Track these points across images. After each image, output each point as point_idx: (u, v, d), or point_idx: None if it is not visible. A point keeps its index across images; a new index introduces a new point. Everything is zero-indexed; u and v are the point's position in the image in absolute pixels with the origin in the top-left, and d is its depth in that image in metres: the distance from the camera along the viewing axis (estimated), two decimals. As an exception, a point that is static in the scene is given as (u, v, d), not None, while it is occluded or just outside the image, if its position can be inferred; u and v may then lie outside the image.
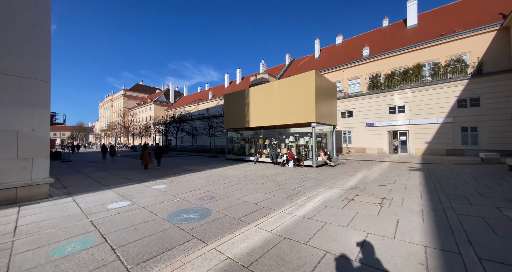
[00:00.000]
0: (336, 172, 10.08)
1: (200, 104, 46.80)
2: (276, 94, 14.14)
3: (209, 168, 12.26)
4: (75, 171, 11.20)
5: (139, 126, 54.64)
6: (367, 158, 16.29)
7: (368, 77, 22.59)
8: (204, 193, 6.14)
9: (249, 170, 11.10)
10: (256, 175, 9.56)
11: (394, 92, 18.83)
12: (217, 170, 11.16)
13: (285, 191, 6.34)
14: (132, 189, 6.75)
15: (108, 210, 4.70)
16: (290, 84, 13.28)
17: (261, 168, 11.93)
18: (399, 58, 20.51)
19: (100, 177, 9.34)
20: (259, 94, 15.49)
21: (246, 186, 7.13)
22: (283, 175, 9.36)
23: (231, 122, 18.16)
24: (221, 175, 9.45)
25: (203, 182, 7.83)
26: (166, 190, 6.65)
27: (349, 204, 4.86)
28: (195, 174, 9.84)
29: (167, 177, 9.07)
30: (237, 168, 12.00)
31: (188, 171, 10.87)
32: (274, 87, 14.27)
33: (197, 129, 38.61)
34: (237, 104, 17.37)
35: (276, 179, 8.34)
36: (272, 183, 7.52)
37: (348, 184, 7.25)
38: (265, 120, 14.99)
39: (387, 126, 19.21)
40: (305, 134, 14.45)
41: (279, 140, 16.67)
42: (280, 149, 15.64)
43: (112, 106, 79.64)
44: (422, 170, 10.10)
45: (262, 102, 15.17)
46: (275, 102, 14.18)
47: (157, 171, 11.17)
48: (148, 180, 8.46)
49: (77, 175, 9.88)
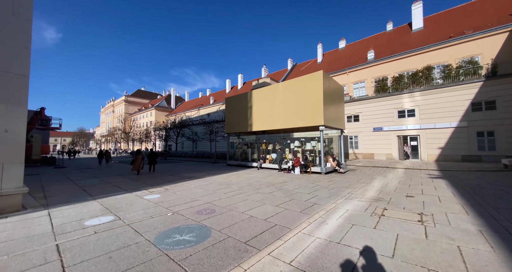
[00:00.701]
0: (349, 180, 9.14)
1: (201, 110, 46.35)
2: (280, 96, 13.42)
3: (209, 174, 11.36)
4: (65, 178, 10.34)
5: (140, 132, 54.09)
6: (377, 164, 15.33)
7: (374, 80, 21.97)
8: (203, 205, 5.24)
9: (253, 177, 10.19)
10: (261, 182, 8.65)
11: (403, 96, 18.09)
12: (218, 177, 10.26)
13: (298, 202, 5.43)
14: (121, 200, 5.87)
15: (84, 228, 3.82)
16: (296, 85, 12.58)
17: (266, 175, 11.02)
18: (406, 61, 19.94)
19: (89, 184, 8.47)
20: (262, 97, 14.80)
21: (251, 196, 6.22)
22: (291, 183, 8.44)
23: (233, 127, 17.40)
24: (223, 183, 8.55)
25: (202, 191, 6.93)
26: (159, 200, 5.76)
27: (381, 221, 3.95)
28: (194, 182, 8.94)
29: (162, 185, 8.18)
30: (239, 175, 11.09)
31: (187, 178, 9.98)
32: (279, 89, 13.58)
33: (197, 135, 37.93)
34: (239, 107, 16.67)
35: (284, 188, 7.43)
36: (280, 193, 6.61)
37: (368, 194, 6.32)
38: (269, 124, 14.20)
39: (396, 131, 18.34)
40: (312, 139, 13.61)
41: (283, 145, 15.80)
42: (284, 155, 14.75)
43: (113, 112, 79.59)
44: (445, 177, 9.14)
45: (266, 106, 14.44)
46: (279, 105, 13.44)
47: (152, 178, 10.29)
48: (141, 188, 7.57)
49: (65, 183, 9.01)
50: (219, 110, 41.11)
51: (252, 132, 19.68)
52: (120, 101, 74.37)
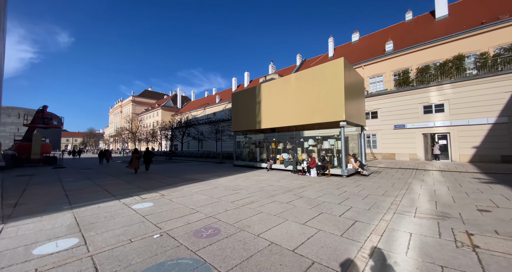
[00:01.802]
0: (380, 184, 7.60)
1: (207, 109, 45.47)
2: (293, 89, 11.99)
3: (214, 176, 10.09)
4: (55, 180, 9.34)
5: (146, 132, 53.93)
6: (402, 165, 13.58)
7: (393, 73, 20.11)
8: (204, 220, 3.93)
9: (264, 180, 8.82)
10: (274, 187, 7.27)
11: (429, 89, 16.19)
12: (224, 180, 8.96)
13: (331, 218, 4.01)
14: (102, 211, 4.65)
15: (26, 261, 2.58)
16: (312, 76, 11.10)
17: (278, 177, 9.62)
18: (431, 51, 17.99)
19: (77, 188, 7.37)
20: (272, 91, 13.41)
21: (266, 206, 4.85)
22: (311, 188, 7.01)
23: (240, 124, 16.09)
24: (229, 187, 7.23)
25: (205, 199, 5.63)
26: (149, 212, 4.49)
27: (483, 258, 2.49)
28: (196, 185, 7.67)
29: (159, 189, 6.96)
30: (248, 177, 9.76)
31: (189, 181, 8.74)
32: (291, 82, 12.14)
33: (203, 134, 37.01)
34: (247, 103, 15.35)
35: (305, 195, 6.01)
36: (302, 202, 5.20)
37: (422, 205, 4.82)
38: (280, 121, 12.78)
39: (422, 129, 16.45)
40: (329, 136, 12.10)
41: (295, 144, 14.34)
42: (296, 154, 13.31)
43: (121, 112, 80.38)
44: (502, 182, 7.42)
45: (276, 100, 13.04)
46: (291, 100, 12.01)
47: (150, 180, 9.11)
48: (133, 193, 6.37)
49: (52, 186, 7.97)
50: (225, 109, 40.03)
51: (260, 130, 18.34)
52: (127, 102, 74.94)
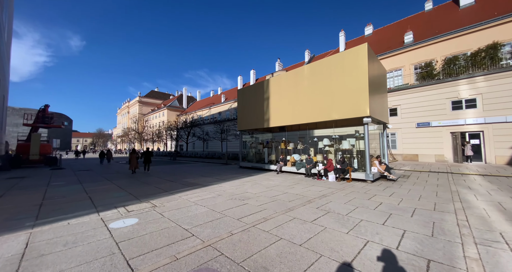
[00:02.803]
0: (420, 193, 6.19)
1: (212, 108, 44.65)
2: (306, 83, 10.67)
3: (218, 180, 8.92)
4: (43, 184, 8.43)
5: (152, 132, 53.76)
6: (431, 168, 11.98)
7: (413, 67, 18.39)
8: (198, 253, 2.73)
9: (275, 186, 7.56)
10: (289, 196, 6.01)
11: (458, 82, 14.45)
12: (229, 185, 7.76)
13: (387, 255, 2.71)
14: (68, 231, 3.54)
15: None
16: (329, 67, 9.76)
17: (290, 182, 8.34)
18: (458, 41, 16.20)
19: (59, 195, 6.37)
20: (282, 85, 12.13)
21: (285, 227, 3.61)
22: (335, 198, 5.71)
23: (246, 123, 14.89)
24: (235, 196, 6.02)
25: (205, 213, 4.45)
26: (128, 235, 3.34)
27: None
28: (196, 193, 6.51)
29: (153, 197, 5.84)
30: (256, 182, 8.53)
31: (189, 186, 7.60)
32: (304, 75, 10.83)
33: (208, 134, 36.16)
34: (254, 100, 14.14)
35: (331, 208, 4.72)
36: (332, 221, 3.92)
37: (504, 228, 3.44)
38: (291, 118, 11.48)
39: (450, 127, 14.71)
40: (348, 135, 10.71)
41: (308, 144, 13.00)
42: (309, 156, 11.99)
43: (128, 113, 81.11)
44: None
45: (286, 96, 11.75)
46: (304, 94, 10.69)
47: (145, 185, 8.04)
48: (119, 203, 5.27)
49: (34, 191, 7.01)
50: (231, 108, 39.04)
51: (267, 129, 17.10)
52: (134, 102, 75.45)
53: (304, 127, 15.43)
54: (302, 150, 13.47)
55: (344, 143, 9.60)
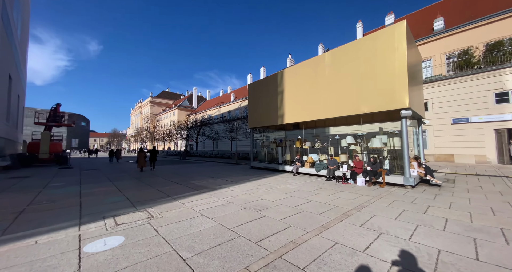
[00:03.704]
0: (488, 204, 4.75)
1: (222, 107, 44.05)
2: (327, 72, 9.37)
3: (228, 183, 7.89)
4: (41, 185, 7.83)
5: (163, 132, 54.29)
6: (477, 171, 10.21)
7: (445, 56, 16.36)
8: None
9: (294, 191, 6.39)
10: (315, 205, 4.83)
11: (504, 71, 12.41)
12: (241, 189, 6.69)
13: None
14: (28, 256, 2.62)
15: None
16: (356, 52, 8.40)
17: (312, 186, 7.11)
18: (500, 25, 14.06)
19: (49, 199, 5.62)
20: (298, 77, 10.89)
21: (329, 261, 2.45)
22: (376, 209, 4.45)
23: (258, 120, 13.78)
24: (249, 204, 4.93)
25: (211, 229, 3.39)
26: (100, 268, 2.34)
27: None
28: (203, 199, 5.50)
29: (152, 204, 4.90)
30: (271, 185, 7.39)
31: (195, 190, 6.62)
32: (325, 63, 9.53)
33: (218, 133, 35.54)
34: (266, 95, 13.00)
35: (379, 225, 3.49)
36: (395, 251, 2.71)
37: None
38: (309, 113, 10.22)
39: (494, 123, 12.71)
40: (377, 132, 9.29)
41: (327, 143, 11.67)
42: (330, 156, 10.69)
43: (141, 113, 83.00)
44: None
45: (304, 88, 10.50)
46: (325, 86, 9.40)
47: (148, 187, 7.16)
48: (110, 211, 4.35)
49: (26, 193, 6.35)
50: (241, 107, 38.18)
51: (280, 127, 15.91)
52: (146, 103, 76.98)
53: (321, 124, 14.08)
54: (320, 149, 12.15)
55: (374, 141, 8.19)
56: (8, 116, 14.50)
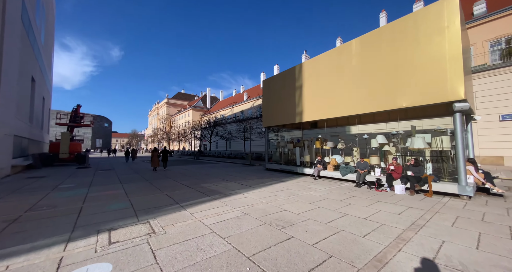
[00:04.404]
0: None
1: (235, 107, 43.68)
2: (354, 63, 8.21)
3: (243, 187, 7.08)
4: (51, 186, 7.61)
5: (178, 132, 55.36)
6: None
7: (488, 44, 14.21)
8: None
9: (320, 199, 5.40)
10: (354, 221, 3.83)
11: None
12: (257, 195, 5.85)
13: None
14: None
15: None
16: (392, 35, 7.17)
17: (340, 194, 6.05)
18: None
19: (51, 204, 5.21)
20: (320, 69, 9.81)
21: None
22: (440, 230, 3.35)
23: (273, 119, 12.87)
24: (269, 217, 4.07)
25: (224, 257, 2.57)
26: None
27: None
28: (214, 207, 4.74)
29: (155, 213, 4.23)
30: (292, 191, 6.45)
31: (206, 195, 5.90)
32: (351, 51, 8.37)
33: (231, 133, 35.18)
34: (282, 91, 12.04)
35: (463, 261, 2.43)
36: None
37: None
38: (332, 110, 9.11)
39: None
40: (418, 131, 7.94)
41: (353, 142, 10.43)
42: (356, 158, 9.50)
43: (157, 114, 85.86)
44: None
45: (326, 82, 9.41)
46: (352, 78, 8.25)
47: (158, 191, 6.58)
48: (106, 224, 3.73)
49: (30, 196, 6.06)
50: (254, 106, 37.46)
51: (297, 126, 14.84)
52: (163, 104, 79.39)
53: (343, 122, 12.81)
54: (343, 150, 10.95)
55: (416, 141, 6.87)
56: (31, 117, 15.08)
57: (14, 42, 9.87)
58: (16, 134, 11.13)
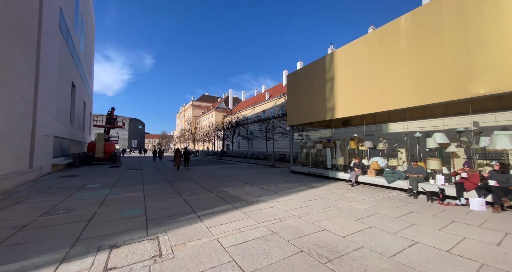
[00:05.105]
0: None
1: (256, 107, 43.11)
2: (404, 44, 6.69)
3: (267, 193, 6.18)
4: (78, 186, 7.74)
5: (202, 133, 57.20)
6: None
7: None
8: None
9: (368, 214, 4.19)
10: (432, 254, 2.62)
11: None
12: (285, 206, 4.89)
13: None
14: None
15: None
16: (459, 5, 5.54)
17: (392, 207, 4.73)
18: None
19: (66, 207, 5.01)
20: (355, 57, 8.40)
21: None
22: None
23: (299, 116, 11.70)
24: (305, 240, 3.09)
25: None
26: None
27: None
28: (235, 219, 3.95)
29: (168, 226, 3.61)
30: (327, 201, 5.33)
31: (226, 202, 5.16)
32: (400, 31, 6.85)
33: (253, 133, 34.68)
34: (310, 85, 10.82)
35: None
36: None
37: None
38: (373, 104, 7.67)
39: None
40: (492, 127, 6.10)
41: (398, 142, 8.76)
42: (398, 161, 7.89)
43: (184, 116, 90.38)
44: None
45: (365, 71, 7.98)
46: (400, 64, 6.73)
47: (176, 196, 6.09)
48: (110, 239, 3.19)
49: (53, 198, 6.06)
50: (275, 105, 36.36)
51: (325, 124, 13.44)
52: (188, 106, 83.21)
53: (383, 119, 11.03)
54: (384, 152, 9.33)
55: (499, 140, 5.11)
56: (72, 120, 16.49)
57: (52, 49, 10.60)
58: (56, 135, 12.04)
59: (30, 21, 8.05)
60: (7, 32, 6.44)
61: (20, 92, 7.39)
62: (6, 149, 6.51)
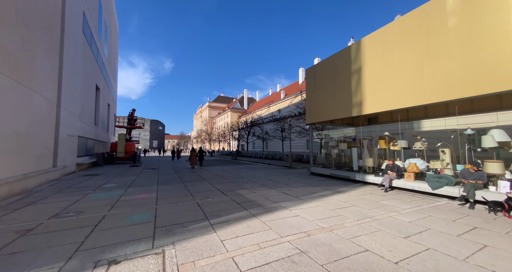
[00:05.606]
0: None
1: (271, 106, 42.32)
2: (452, 24, 5.58)
3: (288, 198, 5.51)
4: (96, 185, 7.76)
5: (218, 133, 57.93)
6: None
7: None
8: None
9: (419, 229, 3.32)
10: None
11: None
12: (311, 215, 4.18)
13: None
14: None
15: None
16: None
17: (445, 219, 3.77)
18: None
19: (78, 209, 4.83)
20: (387, 45, 7.36)
21: None
22: None
23: (320, 113, 10.79)
24: (344, 266, 2.37)
25: None
26: None
27: None
28: (253, 230, 3.36)
29: (177, 236, 3.14)
30: (361, 211, 4.50)
31: (243, 208, 4.61)
32: (446, 9, 5.74)
33: (268, 133, 33.98)
34: (333, 78, 9.88)
35: None
36: None
37: None
38: (411, 96, 6.60)
39: None
40: None
41: (441, 142, 7.51)
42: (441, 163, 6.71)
43: (201, 117, 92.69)
44: None
45: (400, 59, 6.93)
46: (446, 47, 5.63)
47: (190, 198, 5.68)
48: (110, 252, 2.79)
49: (69, 198, 6.00)
50: (291, 104, 35.30)
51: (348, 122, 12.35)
52: (205, 107, 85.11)
53: (418, 115, 9.71)
54: (422, 152, 8.12)
55: None
56: (96, 121, 17.30)
57: (75, 52, 11.01)
58: (81, 136, 12.56)
59: (53, 24, 8.31)
60: (29, 35, 6.59)
61: (44, 93, 7.61)
62: (28, 149, 6.67)
